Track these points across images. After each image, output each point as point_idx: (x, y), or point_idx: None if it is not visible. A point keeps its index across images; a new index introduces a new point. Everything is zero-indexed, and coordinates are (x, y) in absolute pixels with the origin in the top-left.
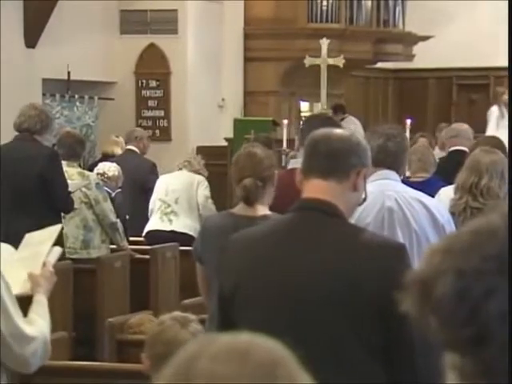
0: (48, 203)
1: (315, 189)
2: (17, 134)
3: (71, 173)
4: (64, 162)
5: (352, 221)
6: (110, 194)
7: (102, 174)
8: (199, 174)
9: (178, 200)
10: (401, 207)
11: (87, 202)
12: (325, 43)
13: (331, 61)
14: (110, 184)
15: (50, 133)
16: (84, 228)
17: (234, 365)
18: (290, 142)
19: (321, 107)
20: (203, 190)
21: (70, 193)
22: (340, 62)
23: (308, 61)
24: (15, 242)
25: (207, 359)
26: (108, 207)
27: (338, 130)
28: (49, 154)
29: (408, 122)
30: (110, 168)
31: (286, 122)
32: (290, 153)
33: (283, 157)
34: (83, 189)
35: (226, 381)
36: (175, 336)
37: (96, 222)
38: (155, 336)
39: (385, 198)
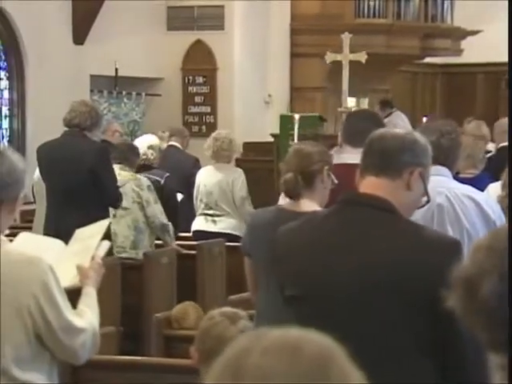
0: (97, 197)
1: (367, 186)
2: (66, 129)
3: (124, 175)
4: (117, 166)
5: None
6: (159, 181)
7: (146, 165)
8: (230, 161)
9: (217, 203)
10: (452, 204)
11: (140, 203)
12: (347, 37)
13: (352, 56)
14: (155, 166)
15: (99, 129)
16: (135, 229)
17: (286, 359)
18: (334, 137)
19: (343, 105)
20: (239, 191)
21: (118, 187)
22: (362, 57)
23: (328, 57)
24: (65, 237)
25: (258, 353)
26: (159, 209)
27: (394, 129)
28: (99, 149)
29: (424, 119)
30: (145, 151)
31: (297, 116)
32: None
33: None
34: (136, 189)
35: (277, 375)
36: (223, 332)
37: (146, 224)
38: (205, 331)
39: (436, 195)
